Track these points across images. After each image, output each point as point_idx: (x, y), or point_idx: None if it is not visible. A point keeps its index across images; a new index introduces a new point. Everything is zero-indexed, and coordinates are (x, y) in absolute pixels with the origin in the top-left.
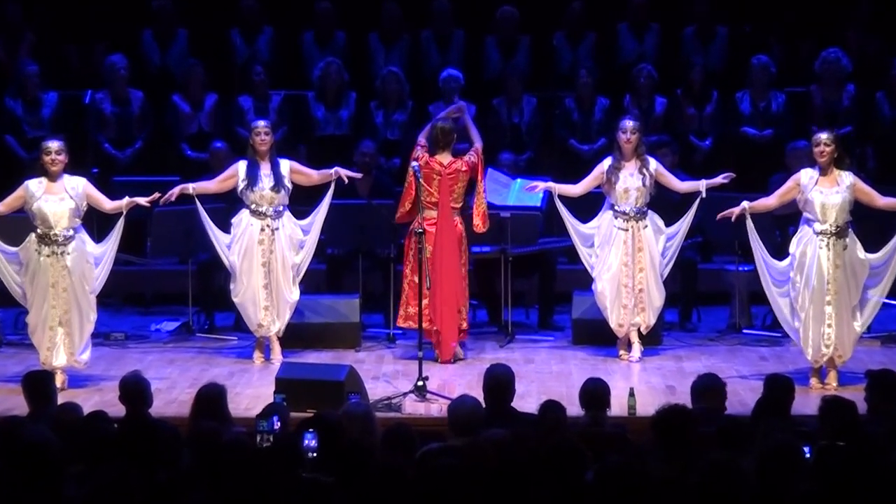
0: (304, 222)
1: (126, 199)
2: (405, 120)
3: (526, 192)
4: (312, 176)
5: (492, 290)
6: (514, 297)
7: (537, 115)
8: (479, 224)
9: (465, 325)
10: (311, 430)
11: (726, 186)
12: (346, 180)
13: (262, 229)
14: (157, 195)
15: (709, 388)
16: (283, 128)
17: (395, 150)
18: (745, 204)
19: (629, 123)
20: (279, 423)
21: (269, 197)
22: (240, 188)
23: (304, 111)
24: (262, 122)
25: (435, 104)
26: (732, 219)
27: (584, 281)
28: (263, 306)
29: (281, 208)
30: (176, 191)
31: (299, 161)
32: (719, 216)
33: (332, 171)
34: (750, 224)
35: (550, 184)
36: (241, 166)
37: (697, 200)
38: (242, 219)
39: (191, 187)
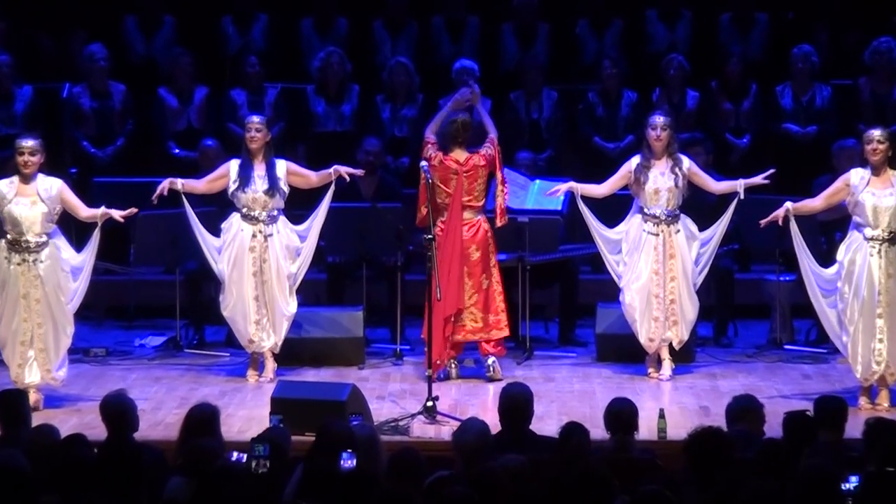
0: (300, 228)
1: (101, 210)
2: (414, 115)
3: (546, 196)
4: (311, 178)
5: (508, 301)
6: (532, 310)
7: (558, 110)
8: (496, 218)
9: (498, 334)
10: (348, 450)
11: (766, 188)
12: (348, 178)
13: (254, 235)
14: (133, 210)
15: (746, 410)
16: (279, 124)
17: (404, 149)
18: (788, 205)
19: (659, 119)
20: (273, 449)
21: (263, 200)
22: (231, 189)
23: (302, 106)
24: (256, 118)
25: (447, 98)
26: (779, 222)
27: (610, 292)
28: (254, 320)
29: (275, 213)
30: (165, 185)
31: (297, 162)
32: (763, 222)
33: (331, 170)
34: (794, 227)
35: (572, 184)
36: (233, 165)
37: (734, 202)
38: (233, 223)
39: (179, 182)
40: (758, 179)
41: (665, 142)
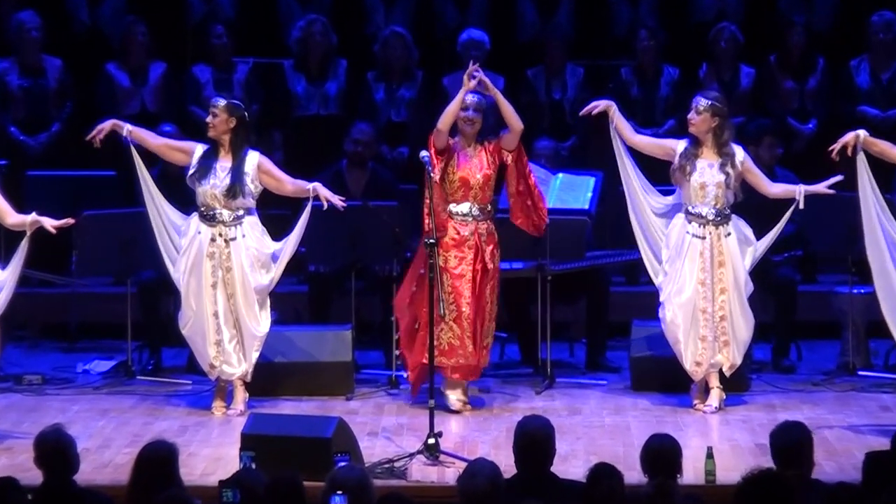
0: (275, 245)
1: (31, 217)
2: (413, 96)
3: (570, 191)
4: (285, 184)
5: (525, 319)
6: (554, 329)
7: (585, 90)
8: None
9: (483, 361)
10: (339, 492)
11: (837, 182)
12: (325, 204)
13: (213, 239)
14: (68, 221)
15: (791, 443)
16: (252, 107)
17: (401, 136)
18: (861, 133)
19: (703, 101)
20: (245, 495)
21: (222, 198)
22: (189, 173)
23: (279, 85)
24: (221, 101)
25: (452, 76)
26: (848, 151)
27: (647, 306)
28: (213, 341)
29: (240, 213)
30: (107, 125)
31: (273, 158)
32: (833, 150)
33: (310, 186)
34: (863, 165)
35: (611, 105)
36: (199, 150)
37: (791, 209)
38: (191, 224)
39: (127, 127)
40: (821, 188)
41: (706, 128)
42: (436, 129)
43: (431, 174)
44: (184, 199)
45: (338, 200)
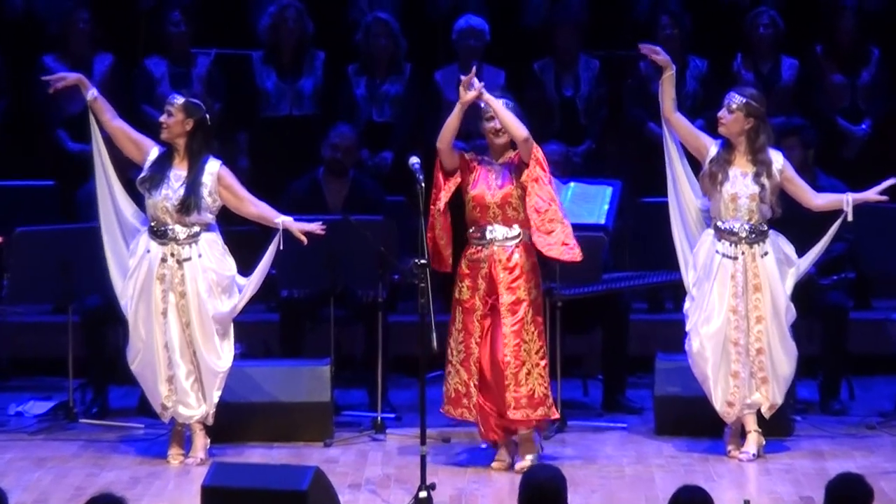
0: (239, 278)
1: None
2: (399, 93)
3: (583, 203)
4: (247, 204)
5: None
6: (565, 363)
7: (600, 85)
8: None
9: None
10: None
11: (893, 190)
12: (304, 240)
13: (164, 259)
14: None
15: (850, 497)
16: (214, 106)
17: (386, 139)
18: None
19: (736, 98)
20: None
21: (173, 212)
22: (140, 176)
23: (245, 80)
24: (179, 98)
25: (446, 69)
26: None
27: (673, 337)
28: (166, 377)
29: (196, 230)
30: (71, 78)
31: (236, 165)
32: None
33: (278, 221)
34: None
35: (668, 63)
36: (154, 152)
37: (839, 222)
38: (140, 241)
39: (93, 92)
40: (871, 195)
41: (738, 129)
42: (437, 149)
43: (422, 183)
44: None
45: (315, 227)
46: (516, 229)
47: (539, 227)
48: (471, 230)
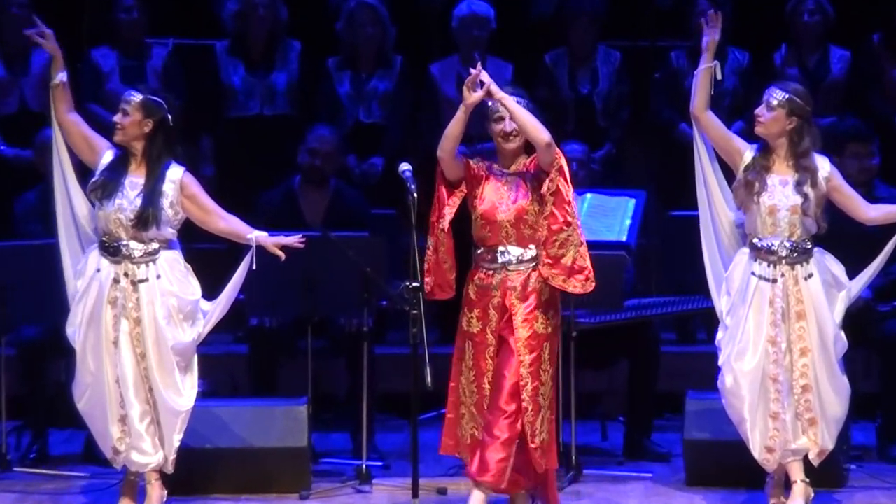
0: (204, 303)
1: None
2: (389, 89)
3: (602, 217)
4: (214, 218)
5: None
6: (582, 402)
7: (622, 80)
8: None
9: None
10: None
11: None
12: (282, 256)
13: (117, 280)
14: None
15: None
16: (175, 104)
17: (374, 143)
18: None
19: (777, 94)
20: None
21: (128, 226)
22: (91, 182)
23: (208, 74)
24: (136, 96)
25: (444, 62)
26: None
27: (706, 372)
28: (117, 417)
29: (154, 247)
30: (50, 40)
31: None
32: None
33: (251, 236)
34: None
35: (713, 42)
36: (108, 155)
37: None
38: (89, 259)
39: (62, 77)
40: None
41: (778, 130)
42: (439, 157)
43: (414, 194)
44: None
45: (293, 240)
46: (532, 250)
47: (548, 251)
48: (479, 251)
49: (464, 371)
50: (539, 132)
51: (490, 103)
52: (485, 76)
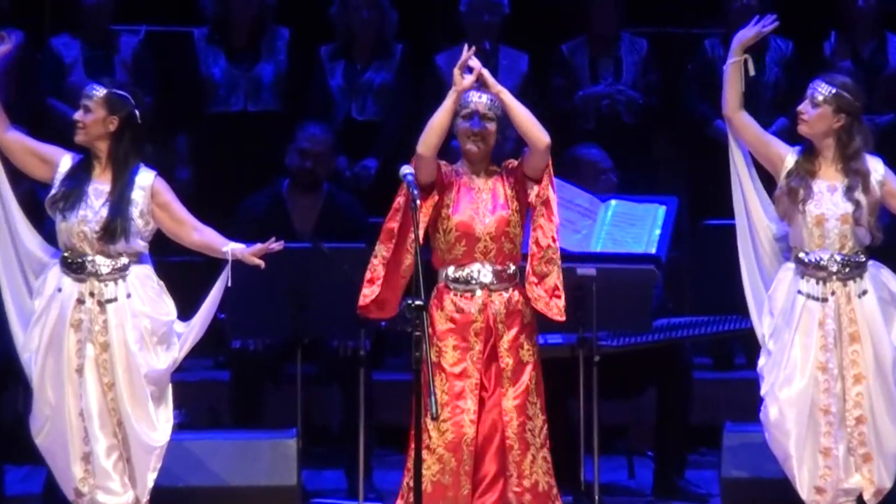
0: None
1: None
2: (388, 82)
3: (628, 227)
4: (186, 229)
5: (561, 420)
6: (604, 436)
7: (649, 71)
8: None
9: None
10: None
11: None
12: (262, 265)
13: (82, 300)
14: None
15: None
16: (144, 99)
17: (369, 142)
18: None
19: (823, 88)
20: None
21: (93, 239)
22: (49, 195)
23: (185, 65)
24: (99, 89)
25: (451, 51)
26: None
27: (746, 402)
28: (81, 454)
29: (124, 261)
30: (5, 46)
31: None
32: None
33: (227, 249)
34: None
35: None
36: (65, 161)
37: None
38: (48, 278)
39: None
40: None
41: (824, 128)
42: (416, 154)
43: (417, 201)
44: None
45: (272, 245)
46: (511, 268)
47: (534, 268)
48: (448, 270)
49: (434, 391)
50: (541, 133)
51: (470, 96)
52: (475, 62)
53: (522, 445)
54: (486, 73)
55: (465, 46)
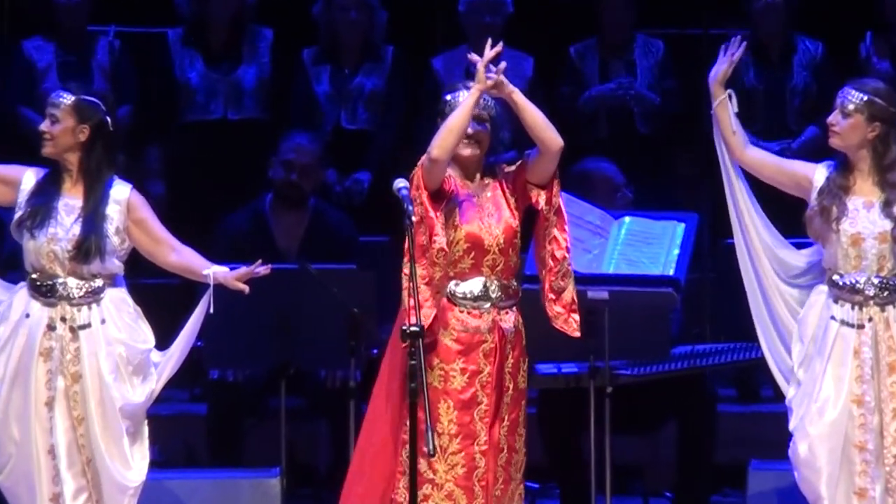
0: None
1: None
2: (379, 88)
3: (643, 245)
4: (164, 249)
5: (570, 457)
6: (618, 474)
7: (666, 76)
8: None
9: None
10: None
11: None
12: (246, 289)
13: (52, 326)
14: None
15: None
16: (120, 108)
17: (360, 153)
18: None
19: (854, 96)
20: None
21: (64, 259)
22: (15, 217)
23: (160, 70)
24: (66, 97)
25: (449, 54)
26: None
27: (774, 437)
28: (49, 495)
29: (98, 284)
30: None
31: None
32: None
33: (208, 272)
34: None
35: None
36: (30, 178)
37: None
38: (14, 302)
39: None
40: None
41: (858, 139)
42: (429, 157)
43: (412, 217)
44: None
45: (260, 269)
46: (514, 283)
47: (552, 284)
48: (452, 285)
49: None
50: (555, 134)
51: (449, 96)
52: (497, 69)
53: (506, 477)
54: (505, 80)
55: (498, 46)
